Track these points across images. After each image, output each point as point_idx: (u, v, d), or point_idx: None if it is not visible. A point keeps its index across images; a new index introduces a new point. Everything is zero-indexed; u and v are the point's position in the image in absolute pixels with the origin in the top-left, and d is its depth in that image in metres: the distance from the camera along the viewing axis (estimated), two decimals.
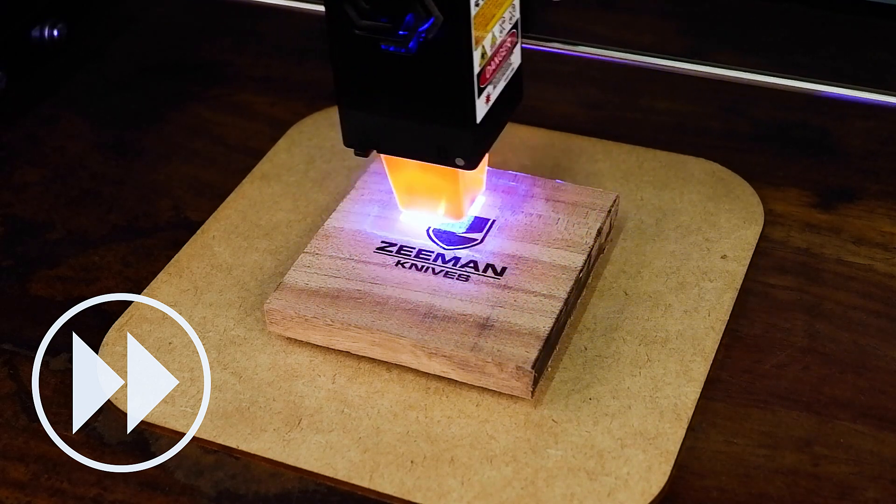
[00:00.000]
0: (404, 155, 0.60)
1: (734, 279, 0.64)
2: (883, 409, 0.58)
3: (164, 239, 0.69)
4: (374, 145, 0.60)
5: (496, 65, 0.59)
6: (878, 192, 0.70)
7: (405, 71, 0.57)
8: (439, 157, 0.59)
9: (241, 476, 0.56)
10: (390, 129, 0.59)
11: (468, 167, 0.59)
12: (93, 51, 0.86)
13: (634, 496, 0.54)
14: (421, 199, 0.63)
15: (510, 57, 0.60)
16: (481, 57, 0.57)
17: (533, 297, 0.59)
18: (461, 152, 0.58)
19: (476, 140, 0.58)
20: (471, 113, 0.57)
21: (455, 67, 0.56)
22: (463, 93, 0.57)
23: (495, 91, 0.59)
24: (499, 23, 0.58)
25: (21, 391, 0.61)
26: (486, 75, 0.58)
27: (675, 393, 0.58)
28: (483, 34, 0.56)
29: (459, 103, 0.57)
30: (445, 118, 0.58)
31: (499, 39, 0.58)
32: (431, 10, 0.54)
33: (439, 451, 0.56)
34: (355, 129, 0.60)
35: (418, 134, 0.59)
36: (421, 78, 0.57)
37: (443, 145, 0.58)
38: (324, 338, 0.60)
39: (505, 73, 0.60)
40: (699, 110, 0.77)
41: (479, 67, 0.57)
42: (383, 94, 0.58)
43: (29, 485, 0.56)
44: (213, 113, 0.79)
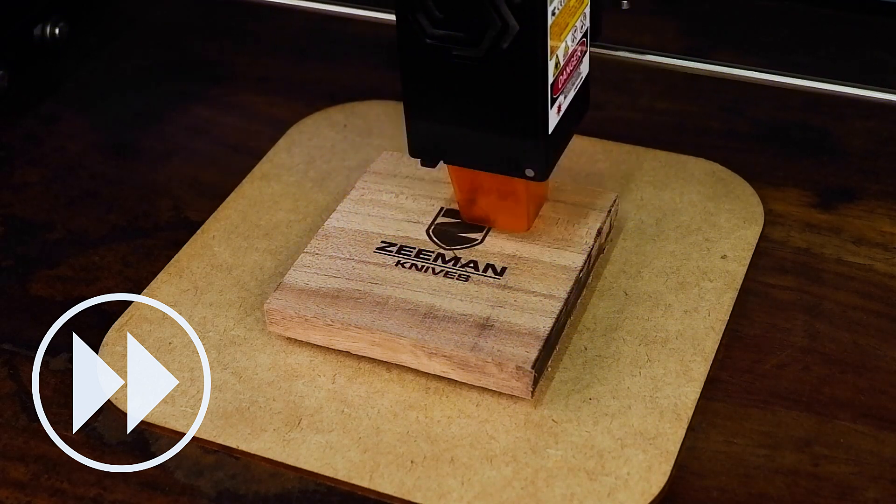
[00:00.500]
0: (473, 166, 0.60)
1: (734, 279, 0.64)
2: (883, 409, 0.58)
3: (164, 239, 0.69)
4: (442, 155, 0.59)
5: (568, 74, 0.58)
6: (878, 192, 0.70)
7: (476, 80, 0.56)
8: (510, 167, 0.58)
9: (241, 476, 0.56)
10: (458, 139, 0.58)
11: (539, 178, 0.58)
12: (93, 51, 0.86)
13: (634, 496, 0.54)
14: (486, 210, 0.62)
15: (580, 66, 0.60)
16: (555, 67, 0.56)
17: (533, 297, 0.59)
18: (532, 163, 0.58)
19: (548, 151, 0.58)
20: (543, 124, 0.56)
21: (529, 77, 0.55)
22: (536, 103, 0.56)
23: (566, 101, 0.59)
24: (571, 31, 0.58)
25: (21, 391, 0.61)
26: (559, 85, 0.57)
27: (675, 393, 0.58)
28: (557, 44, 0.56)
29: (532, 114, 0.56)
30: (517, 129, 0.57)
31: (571, 48, 0.58)
32: (507, 19, 0.53)
33: (439, 451, 0.56)
34: (422, 140, 0.59)
35: (488, 144, 0.58)
36: (492, 87, 0.56)
37: (513, 156, 0.58)
38: (324, 338, 0.60)
39: (575, 83, 0.60)
40: (699, 110, 0.77)
41: (553, 77, 0.56)
42: (453, 104, 0.57)
43: (29, 485, 0.56)
44: (213, 113, 0.79)
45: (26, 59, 0.81)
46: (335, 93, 0.79)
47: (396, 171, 0.67)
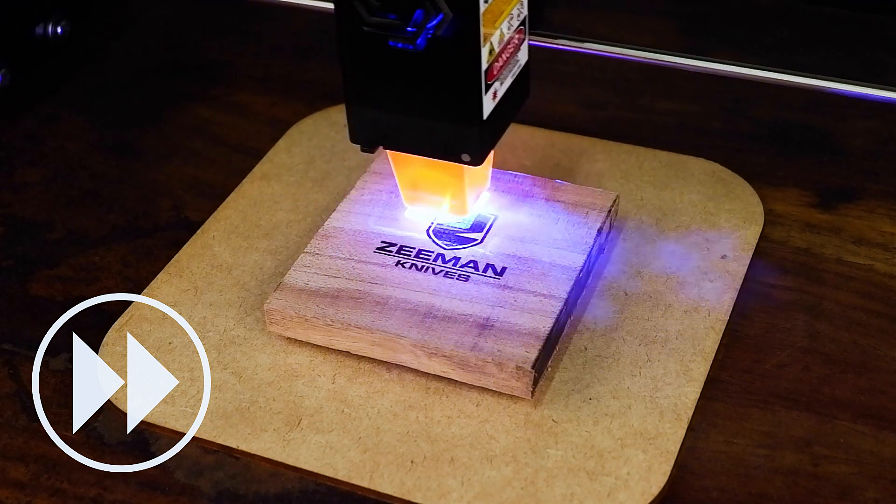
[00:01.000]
0: (411, 151, 0.61)
1: (734, 279, 0.64)
2: (883, 409, 0.58)
3: (164, 239, 0.69)
4: (381, 141, 0.61)
5: (503, 61, 0.59)
6: (878, 192, 0.70)
7: (413, 67, 0.57)
8: (446, 153, 0.59)
9: (241, 476, 0.56)
10: (397, 126, 0.60)
11: (474, 163, 0.59)
12: (93, 51, 0.86)
13: (634, 496, 0.54)
14: (426, 196, 0.63)
15: (517, 54, 0.60)
16: (489, 53, 0.57)
17: (533, 297, 0.59)
18: (468, 148, 0.59)
19: (483, 136, 0.58)
20: (478, 109, 0.57)
21: (463, 64, 0.56)
22: (470, 89, 0.57)
23: (502, 87, 0.59)
24: (507, 19, 0.58)
25: (21, 391, 0.61)
26: (494, 72, 0.58)
27: (675, 393, 0.58)
28: (491, 31, 0.56)
29: (467, 100, 0.57)
30: (453, 114, 0.58)
31: (507, 36, 0.58)
32: (440, 7, 0.54)
33: (439, 451, 0.56)
34: (363, 126, 0.60)
35: (425, 130, 0.59)
36: (429, 74, 0.57)
37: (450, 141, 0.59)
38: (324, 338, 0.60)
39: (512, 70, 0.60)
40: (699, 110, 0.77)
41: (487, 64, 0.57)
42: (391, 91, 0.58)
43: (29, 485, 0.56)
44: (213, 113, 0.79)
45: (28, 57, 0.81)
46: (335, 93, 0.79)
47: None
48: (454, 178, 0.62)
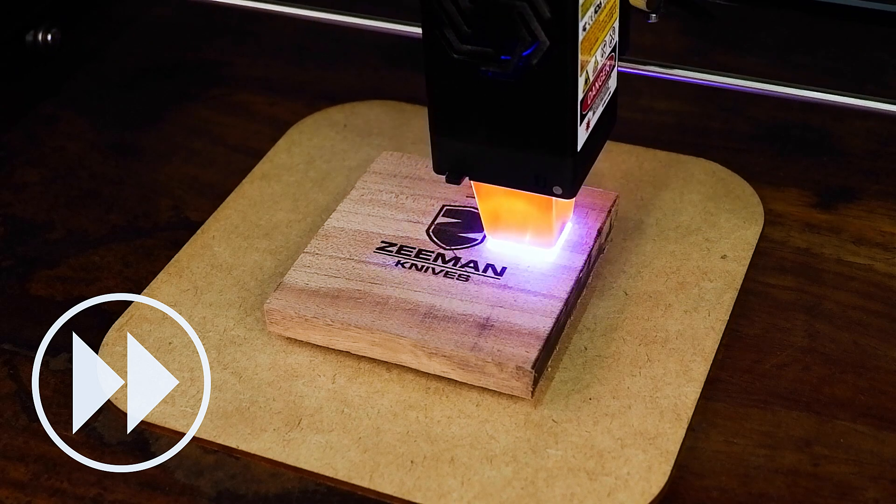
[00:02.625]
0: (499, 183, 0.58)
1: (734, 279, 0.64)
2: (883, 409, 0.58)
3: (164, 239, 0.69)
4: (467, 172, 0.58)
5: (597, 90, 0.57)
6: (878, 192, 0.70)
7: (504, 97, 0.55)
8: (537, 185, 0.57)
9: (241, 476, 0.56)
10: (485, 156, 0.57)
11: (567, 196, 0.57)
12: (93, 51, 0.86)
13: (634, 496, 0.54)
14: (510, 226, 0.61)
15: (608, 81, 0.59)
16: (584, 83, 0.55)
17: (533, 297, 0.59)
18: (560, 181, 0.56)
19: (576, 168, 0.56)
20: (572, 141, 0.55)
21: (559, 94, 0.54)
22: (566, 120, 0.55)
23: (595, 117, 0.58)
24: (601, 46, 0.56)
25: (21, 391, 0.61)
26: (588, 101, 0.56)
27: (675, 393, 0.58)
28: (588, 59, 0.55)
29: (561, 131, 0.55)
30: (545, 146, 0.56)
31: (600, 64, 0.57)
32: (537, 35, 0.52)
33: (439, 451, 0.56)
34: (447, 156, 0.58)
35: (515, 161, 0.57)
36: (521, 104, 0.55)
37: (541, 174, 0.56)
38: (324, 338, 0.60)
39: (604, 98, 0.59)
40: (699, 110, 0.77)
41: (583, 94, 0.55)
42: (480, 121, 0.56)
43: (29, 485, 0.56)
44: (213, 113, 0.79)
45: (18, 65, 0.80)
46: (335, 93, 0.79)
47: (396, 171, 0.67)
48: (541, 210, 0.60)
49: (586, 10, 0.53)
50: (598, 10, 0.55)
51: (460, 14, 0.53)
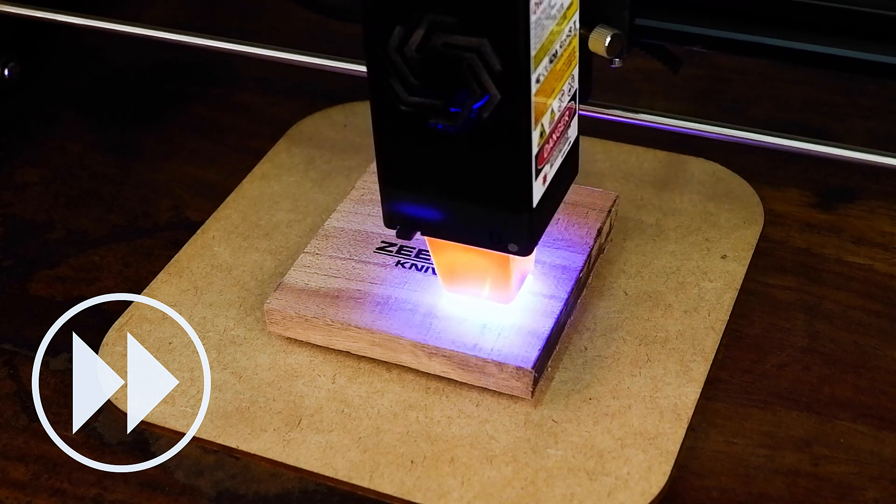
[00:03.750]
0: (453, 239, 0.56)
1: (734, 279, 0.64)
2: (883, 409, 0.58)
3: (164, 239, 0.69)
4: (419, 227, 0.55)
5: (554, 142, 0.54)
6: (878, 192, 0.70)
7: (455, 150, 0.52)
8: (492, 242, 0.54)
9: (241, 476, 0.56)
10: (438, 212, 0.55)
11: (523, 253, 0.54)
12: (93, 51, 0.85)
13: (634, 496, 0.54)
14: (467, 281, 0.59)
15: (567, 131, 0.56)
16: (540, 136, 0.52)
17: (533, 297, 0.59)
18: (516, 238, 0.53)
19: (532, 225, 0.53)
20: (527, 197, 0.52)
21: (512, 149, 0.51)
22: (519, 176, 0.52)
23: (552, 170, 0.54)
24: (558, 96, 0.53)
25: (21, 391, 0.61)
26: (545, 155, 0.53)
27: (675, 393, 0.58)
28: (543, 111, 0.52)
29: (515, 187, 0.52)
30: (499, 202, 0.53)
31: (557, 114, 0.54)
32: (487, 88, 0.49)
33: (439, 451, 0.56)
34: (398, 210, 0.55)
35: (469, 217, 0.54)
36: (473, 158, 0.52)
37: (496, 230, 0.54)
38: (324, 338, 0.60)
39: (562, 149, 0.55)
40: (699, 110, 0.77)
41: (538, 147, 0.52)
42: (430, 174, 0.53)
43: (29, 485, 0.56)
44: (213, 113, 0.79)
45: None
46: (335, 93, 0.79)
47: None
48: (498, 265, 0.57)
49: (540, 60, 0.50)
50: (555, 59, 0.52)
51: (407, 65, 0.50)
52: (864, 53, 0.59)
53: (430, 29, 0.49)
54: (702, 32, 0.61)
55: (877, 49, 0.59)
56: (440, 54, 0.49)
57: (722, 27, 0.60)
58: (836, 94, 0.77)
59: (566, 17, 0.52)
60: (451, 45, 0.49)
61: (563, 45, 0.52)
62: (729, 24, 0.60)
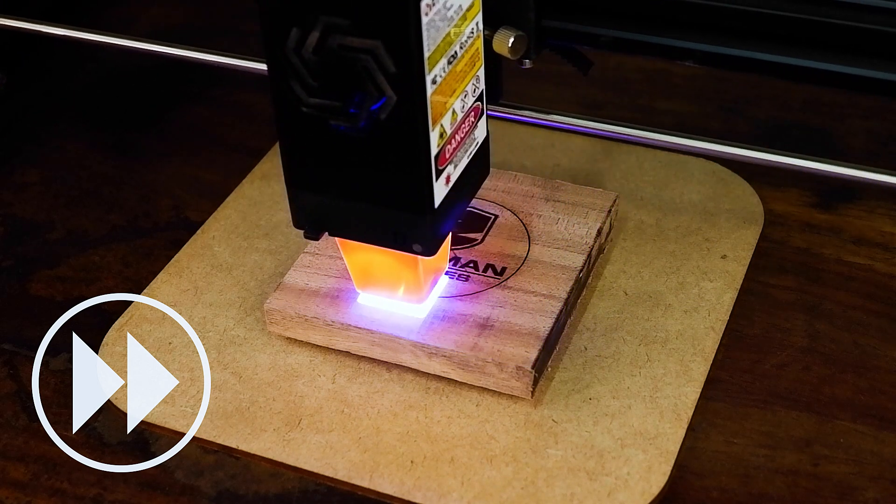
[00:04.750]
0: (358, 239, 0.56)
1: (734, 279, 0.64)
2: (883, 409, 0.58)
3: (164, 239, 0.69)
4: (327, 227, 0.56)
5: (457, 143, 0.54)
6: (878, 192, 0.70)
7: (356, 152, 0.52)
8: (396, 242, 0.54)
9: (241, 476, 0.56)
10: (343, 212, 0.55)
11: (426, 253, 0.54)
12: (93, 51, 0.85)
13: (634, 496, 0.54)
14: (379, 282, 0.59)
15: (474, 131, 0.56)
16: (439, 136, 0.52)
17: (533, 297, 0.59)
18: (419, 238, 0.54)
19: (434, 225, 0.54)
20: (428, 198, 0.52)
21: (410, 150, 0.51)
22: (419, 176, 0.52)
23: (456, 170, 0.55)
24: (460, 97, 0.53)
25: (21, 391, 0.61)
26: (446, 156, 0.53)
27: (675, 393, 0.58)
28: (442, 112, 0.52)
29: (415, 188, 0.52)
30: (401, 203, 0.53)
31: (460, 116, 0.54)
32: (383, 89, 0.50)
33: (439, 451, 0.56)
34: (305, 211, 0.56)
35: (373, 218, 0.54)
36: (373, 159, 0.52)
37: (400, 230, 0.54)
38: (324, 338, 0.60)
39: (468, 150, 0.56)
40: (699, 110, 0.77)
41: (438, 148, 0.52)
42: (334, 176, 0.54)
43: (29, 485, 0.56)
44: (213, 113, 0.79)
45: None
46: None
47: None
48: (408, 266, 0.57)
49: (436, 62, 0.50)
50: (454, 60, 0.52)
51: (306, 66, 0.50)
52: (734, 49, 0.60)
53: (326, 31, 0.49)
54: (608, 34, 0.60)
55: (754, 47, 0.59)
56: (337, 56, 0.50)
57: (628, 28, 0.60)
58: (836, 94, 0.77)
59: (466, 19, 0.52)
60: (346, 48, 0.49)
61: (463, 47, 0.52)
62: (634, 25, 0.60)
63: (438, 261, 0.59)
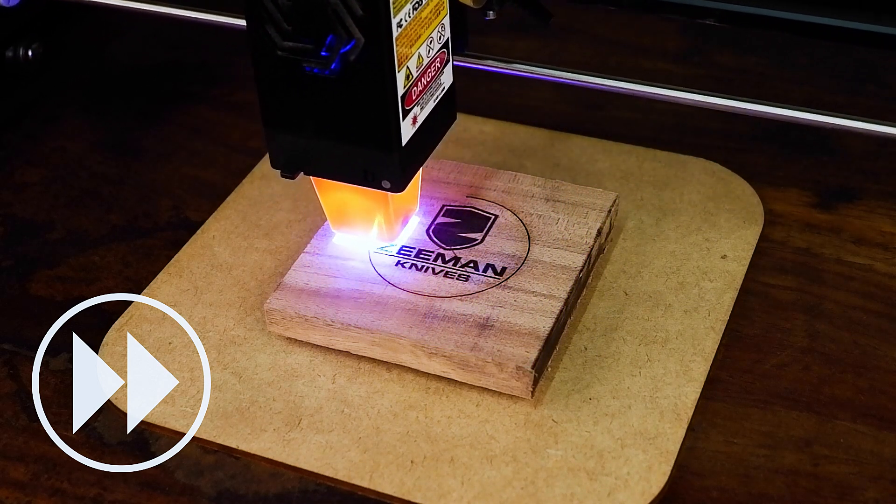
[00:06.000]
0: (331, 177, 0.59)
1: (734, 279, 0.64)
2: (883, 409, 0.58)
3: (164, 239, 0.69)
4: (302, 167, 0.59)
5: (424, 86, 0.58)
6: (878, 192, 0.70)
7: (329, 93, 0.56)
8: (366, 179, 0.58)
9: (241, 476, 0.56)
10: (317, 152, 0.58)
11: (395, 190, 0.58)
12: (93, 51, 0.86)
13: (634, 496, 0.54)
14: (352, 221, 0.62)
15: (440, 77, 0.59)
16: (406, 78, 0.56)
17: (533, 297, 0.59)
18: (388, 175, 0.57)
19: (402, 163, 0.57)
20: (396, 136, 0.56)
21: (378, 89, 0.55)
22: (386, 115, 0.56)
23: (423, 112, 0.58)
24: (426, 42, 0.57)
25: (21, 391, 0.61)
26: (412, 97, 0.57)
27: (675, 393, 0.58)
28: (408, 54, 0.55)
29: (383, 126, 0.56)
30: (370, 141, 0.57)
31: (426, 59, 0.57)
32: (352, 32, 0.53)
33: (439, 451, 0.56)
34: (282, 151, 0.59)
35: (345, 156, 0.58)
36: (345, 100, 0.56)
37: (370, 168, 0.58)
38: (324, 338, 0.60)
39: (434, 94, 0.59)
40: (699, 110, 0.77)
41: (404, 89, 0.56)
42: (308, 116, 0.57)
43: (29, 485, 0.56)
44: (213, 113, 0.79)
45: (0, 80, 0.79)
46: None
47: None
48: (380, 204, 0.60)
49: (401, 7, 0.54)
50: (419, 6, 0.55)
51: (280, 11, 0.54)
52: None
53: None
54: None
55: None
56: (308, 1, 0.53)
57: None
58: (836, 94, 0.77)
59: None
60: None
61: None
62: None
63: (408, 200, 0.62)
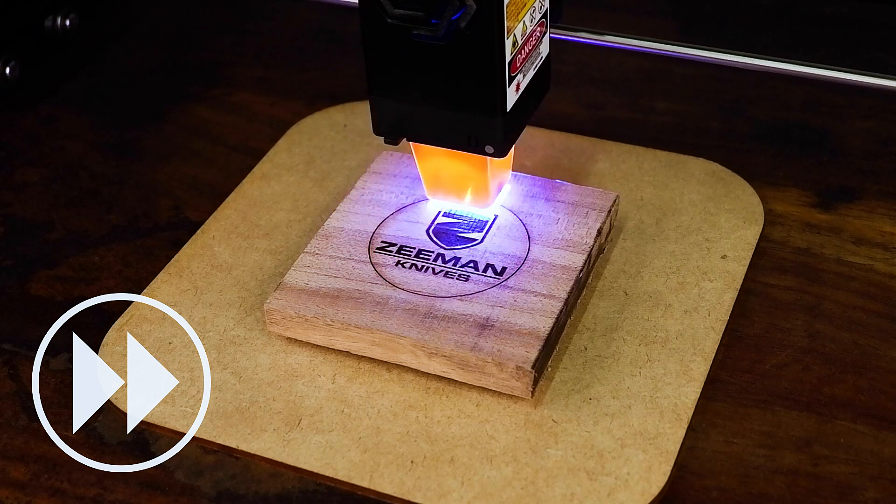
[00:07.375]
0: (434, 143, 0.61)
1: (734, 279, 0.64)
2: (883, 409, 0.58)
3: (164, 239, 0.69)
4: (404, 133, 0.61)
5: (526, 54, 0.60)
6: (878, 192, 0.70)
7: (437, 59, 0.57)
8: (469, 144, 0.60)
9: (241, 476, 0.56)
10: (420, 117, 0.60)
11: (498, 155, 0.60)
12: (93, 51, 0.86)
13: (634, 496, 0.54)
14: (448, 187, 0.64)
15: (539, 46, 0.62)
16: (512, 46, 0.58)
17: (533, 297, 0.59)
18: (491, 140, 0.59)
19: (506, 128, 0.59)
20: (501, 101, 0.58)
21: (487, 56, 0.57)
22: (494, 81, 0.57)
23: (525, 80, 0.60)
24: (529, 12, 0.59)
25: (21, 391, 0.61)
26: (517, 64, 0.59)
27: (675, 393, 0.58)
28: (515, 23, 0.57)
29: (490, 91, 0.58)
30: (476, 106, 0.58)
31: (529, 28, 0.59)
32: (465, 0, 0.55)
33: (439, 451, 0.56)
34: (385, 117, 0.61)
35: (448, 122, 0.60)
36: (452, 66, 0.58)
37: (473, 133, 0.59)
38: (324, 338, 0.60)
39: (534, 63, 0.61)
40: (699, 110, 0.77)
41: (510, 56, 0.58)
42: (414, 83, 0.59)
43: (29, 485, 0.56)
44: (213, 113, 0.79)
45: (37, 51, 0.81)
46: (335, 93, 0.79)
47: (396, 171, 0.67)
48: (477, 169, 0.62)
49: None
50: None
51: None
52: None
53: None
54: None
55: None
56: None
57: None
58: (836, 94, 0.77)
59: None
60: None
61: None
62: None
63: (504, 166, 0.64)
